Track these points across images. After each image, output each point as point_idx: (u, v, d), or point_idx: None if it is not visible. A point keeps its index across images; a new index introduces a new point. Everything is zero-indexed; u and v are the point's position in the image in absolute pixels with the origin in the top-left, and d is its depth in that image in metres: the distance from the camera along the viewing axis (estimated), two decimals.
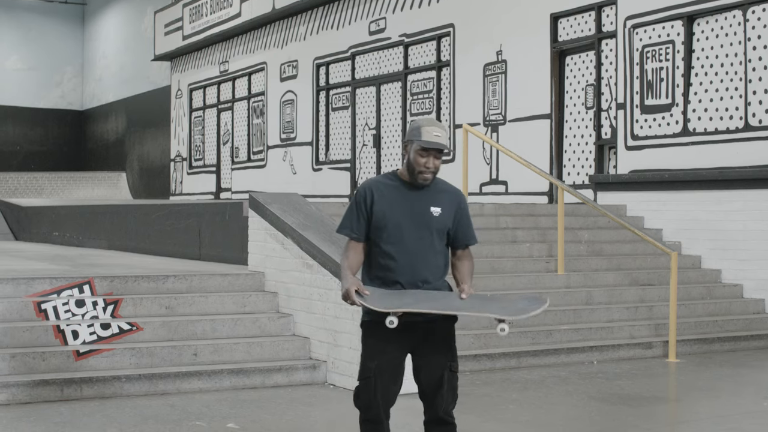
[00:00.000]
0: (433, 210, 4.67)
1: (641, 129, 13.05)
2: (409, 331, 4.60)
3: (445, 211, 4.71)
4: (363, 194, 4.70)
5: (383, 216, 4.64)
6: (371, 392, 4.62)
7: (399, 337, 4.60)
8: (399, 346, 4.64)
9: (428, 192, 4.70)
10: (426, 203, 4.68)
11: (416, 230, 4.64)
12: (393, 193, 4.68)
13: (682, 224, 12.22)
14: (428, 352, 4.67)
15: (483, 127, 15.76)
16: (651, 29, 12.96)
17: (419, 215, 4.65)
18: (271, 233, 9.18)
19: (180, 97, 27.47)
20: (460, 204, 4.79)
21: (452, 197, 4.77)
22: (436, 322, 4.65)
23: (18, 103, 36.14)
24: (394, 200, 4.66)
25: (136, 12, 32.80)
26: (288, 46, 21.69)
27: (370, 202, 4.67)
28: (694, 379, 8.71)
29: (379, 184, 4.72)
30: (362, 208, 4.68)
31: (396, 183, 4.72)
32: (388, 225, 4.63)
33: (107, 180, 33.07)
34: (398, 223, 4.63)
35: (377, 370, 4.61)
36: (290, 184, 20.92)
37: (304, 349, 8.42)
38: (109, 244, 14.66)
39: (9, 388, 7.18)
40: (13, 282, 8.39)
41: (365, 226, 4.68)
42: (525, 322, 9.77)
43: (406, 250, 4.63)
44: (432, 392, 4.66)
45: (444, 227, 4.71)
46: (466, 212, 4.82)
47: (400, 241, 4.63)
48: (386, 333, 4.55)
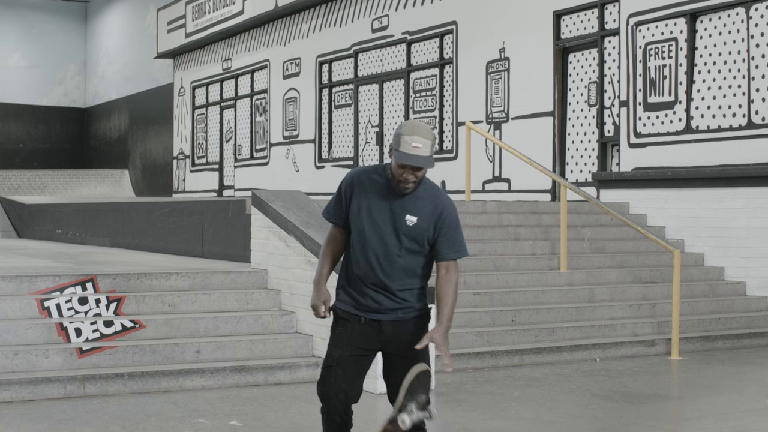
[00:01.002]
0: (409, 218, 4.47)
1: (644, 126, 13.04)
2: (377, 329, 4.55)
3: (423, 221, 4.48)
4: (346, 182, 4.62)
5: (357, 211, 4.54)
6: (332, 382, 4.54)
7: (369, 331, 4.55)
8: (367, 341, 4.56)
9: (410, 198, 4.50)
10: (403, 210, 4.49)
11: (385, 234, 4.49)
12: (375, 191, 4.53)
13: (685, 222, 12.21)
14: (399, 353, 4.55)
15: (486, 124, 15.75)
16: (654, 26, 12.95)
17: (392, 220, 4.49)
18: (273, 231, 9.18)
19: (183, 94, 27.48)
20: (441, 214, 4.51)
21: (434, 206, 4.51)
22: (410, 321, 4.56)
23: (21, 100, 36.17)
24: (373, 198, 4.52)
25: (138, 9, 32.81)
26: (291, 43, 21.69)
27: (350, 194, 4.57)
28: (696, 376, 8.71)
29: (363, 177, 4.57)
30: (342, 196, 4.61)
31: (382, 180, 4.54)
32: (359, 223, 4.53)
33: (110, 178, 33.09)
34: (371, 221, 4.51)
35: (340, 360, 4.55)
36: (293, 181, 20.93)
37: (306, 347, 8.42)
38: (111, 242, 14.67)
39: (12, 385, 7.19)
40: (16, 279, 8.39)
41: (344, 213, 4.62)
42: (528, 319, 9.79)
43: (371, 251, 4.51)
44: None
45: (420, 236, 4.49)
46: (450, 222, 4.52)
47: (368, 242, 4.51)
48: (357, 324, 4.54)
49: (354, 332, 4.56)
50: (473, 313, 9.53)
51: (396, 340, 4.56)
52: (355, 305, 4.58)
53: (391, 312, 4.55)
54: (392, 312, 4.55)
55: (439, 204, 4.53)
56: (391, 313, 4.55)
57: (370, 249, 4.52)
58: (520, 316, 9.77)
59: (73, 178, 32.47)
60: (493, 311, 9.70)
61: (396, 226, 4.49)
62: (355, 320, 4.58)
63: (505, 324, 9.64)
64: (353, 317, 4.58)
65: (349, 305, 4.59)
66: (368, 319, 4.56)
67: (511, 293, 10.14)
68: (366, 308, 4.56)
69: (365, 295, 4.55)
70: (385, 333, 4.56)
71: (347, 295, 4.61)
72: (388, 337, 4.56)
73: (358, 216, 4.54)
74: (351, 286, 4.60)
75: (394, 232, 4.50)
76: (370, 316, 4.55)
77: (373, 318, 4.55)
